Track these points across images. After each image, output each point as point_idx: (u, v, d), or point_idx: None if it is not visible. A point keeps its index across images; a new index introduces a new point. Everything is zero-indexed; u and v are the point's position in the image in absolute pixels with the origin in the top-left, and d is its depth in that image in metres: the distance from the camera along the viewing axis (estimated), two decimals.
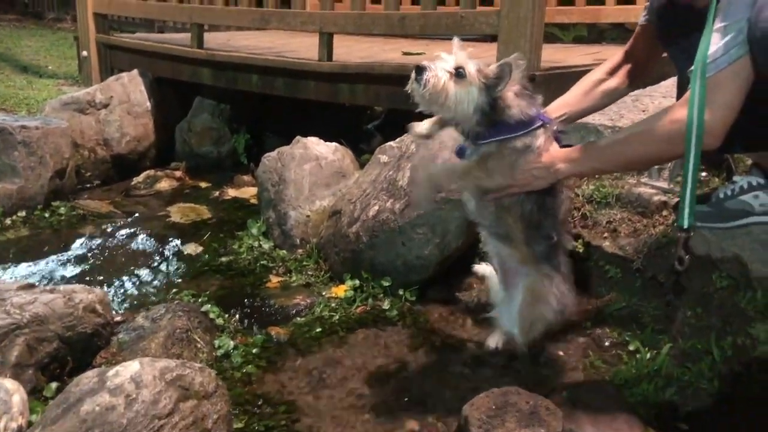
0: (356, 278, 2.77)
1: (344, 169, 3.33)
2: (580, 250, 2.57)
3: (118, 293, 2.86)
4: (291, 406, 2.08)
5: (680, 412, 1.96)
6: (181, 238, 3.47)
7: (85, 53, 5.64)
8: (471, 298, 2.63)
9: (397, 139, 3.02)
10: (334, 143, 3.42)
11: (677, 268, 1.84)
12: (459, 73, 1.86)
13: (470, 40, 4.46)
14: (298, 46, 4.68)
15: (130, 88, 4.85)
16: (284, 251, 3.14)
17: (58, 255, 3.24)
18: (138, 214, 3.88)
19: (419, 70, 1.85)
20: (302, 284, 2.88)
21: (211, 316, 2.53)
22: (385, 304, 2.64)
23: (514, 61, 1.86)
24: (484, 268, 2.41)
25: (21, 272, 3.04)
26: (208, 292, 2.80)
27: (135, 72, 4.97)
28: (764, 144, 2.03)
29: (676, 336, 2.13)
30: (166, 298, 2.75)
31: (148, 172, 4.54)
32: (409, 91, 1.89)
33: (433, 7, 3.50)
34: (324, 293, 2.77)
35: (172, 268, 3.14)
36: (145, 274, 3.06)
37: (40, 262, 3.16)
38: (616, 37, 5.50)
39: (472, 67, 1.88)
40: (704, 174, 2.54)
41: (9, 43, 8.43)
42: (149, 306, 2.62)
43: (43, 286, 2.40)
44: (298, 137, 3.40)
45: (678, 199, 2.34)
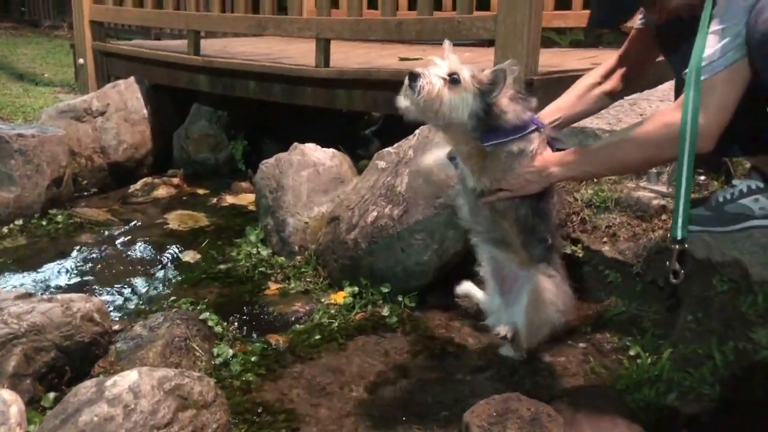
0: (355, 285, 2.76)
1: (342, 175, 3.32)
2: (580, 255, 2.57)
3: (115, 302, 2.85)
4: (291, 414, 2.07)
5: (682, 418, 1.94)
6: (179, 246, 3.46)
7: (81, 61, 5.63)
8: (470, 304, 2.61)
9: (395, 145, 3.01)
10: (331, 149, 3.42)
11: (672, 282, 1.83)
12: (453, 79, 1.85)
13: (467, 45, 4.48)
14: (295, 53, 4.67)
15: (127, 96, 4.84)
16: (283, 258, 3.13)
17: (55, 263, 3.22)
18: (135, 222, 3.87)
19: (413, 77, 1.83)
20: (301, 291, 2.87)
21: (210, 324, 2.52)
22: (385, 311, 2.63)
23: (509, 67, 1.85)
24: (464, 287, 2.41)
25: (18, 281, 3.03)
26: (207, 300, 2.79)
27: (131, 79, 4.96)
28: (763, 147, 2.03)
29: (677, 341, 2.13)
30: (164, 307, 2.73)
31: (145, 179, 4.53)
32: (402, 98, 1.88)
33: (429, 13, 3.50)
34: (323, 300, 2.76)
35: (170, 276, 3.12)
36: (142, 282, 3.05)
37: (37, 270, 3.14)
38: (613, 41, 5.51)
39: (467, 73, 1.87)
40: (703, 177, 2.54)
41: (5, 51, 8.42)
42: (147, 314, 2.61)
43: (41, 295, 2.39)
44: (296, 144, 3.40)
45: None
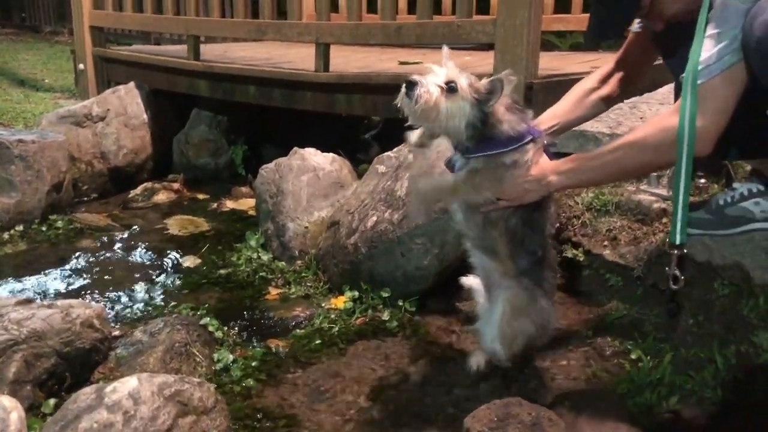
0: (355, 289, 2.76)
1: (342, 180, 3.32)
2: (581, 259, 2.57)
3: (116, 307, 2.84)
4: (291, 419, 2.06)
5: (683, 421, 1.93)
6: (180, 251, 3.46)
7: (81, 66, 5.64)
8: (471, 309, 2.61)
9: (395, 149, 3.01)
10: (331, 154, 3.42)
11: (672, 287, 1.82)
12: (450, 88, 1.84)
13: (467, 49, 4.48)
14: (295, 57, 4.68)
15: (127, 101, 4.84)
16: (283, 263, 3.13)
17: (55, 269, 3.22)
18: (136, 227, 3.86)
19: (410, 84, 1.82)
20: (301, 296, 2.87)
21: (210, 329, 2.51)
22: (385, 315, 2.62)
23: (506, 77, 1.85)
24: (471, 280, 2.40)
25: (19, 287, 3.02)
26: (207, 305, 2.79)
27: (131, 84, 4.97)
28: (761, 150, 2.02)
29: (678, 344, 2.12)
30: (165, 312, 2.73)
31: (145, 184, 4.54)
32: (398, 105, 1.88)
33: (429, 17, 3.50)
34: (323, 305, 2.76)
35: (171, 281, 3.12)
36: (143, 287, 3.04)
37: (37, 276, 3.14)
38: (614, 44, 5.49)
39: (464, 82, 1.87)
40: (703, 181, 2.54)
41: (6, 57, 8.45)
42: (147, 320, 2.61)
43: (41, 301, 2.39)
44: (296, 148, 3.40)
45: None
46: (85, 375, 2.21)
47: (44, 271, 3.19)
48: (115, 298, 2.94)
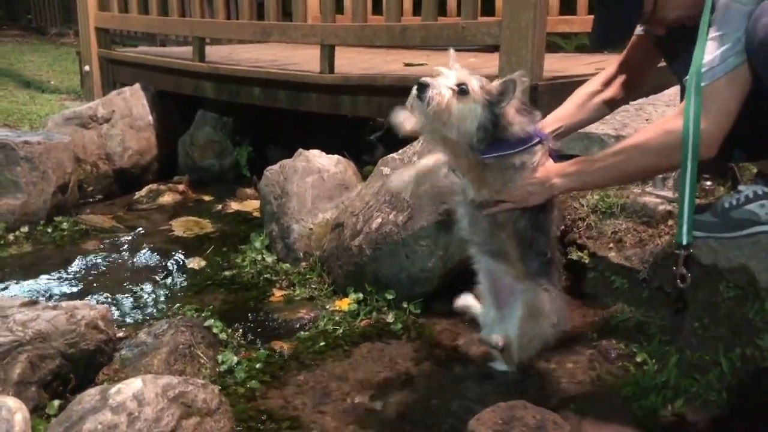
0: (360, 291, 2.76)
1: (347, 182, 3.32)
2: (586, 261, 2.56)
3: (120, 309, 2.85)
4: (295, 421, 2.06)
5: (688, 424, 1.93)
6: (184, 252, 3.46)
7: (87, 68, 5.66)
8: (471, 315, 2.61)
9: (400, 151, 3.01)
10: (336, 155, 3.42)
11: (680, 286, 1.82)
12: (462, 90, 1.83)
13: (472, 51, 4.47)
14: (300, 59, 4.68)
15: (132, 102, 4.85)
16: (287, 265, 3.13)
17: (60, 271, 3.23)
18: (141, 229, 3.87)
19: (421, 87, 1.81)
20: (306, 298, 2.87)
21: (215, 331, 2.51)
22: (389, 318, 2.62)
23: (518, 78, 1.84)
24: (464, 300, 2.40)
25: (24, 288, 3.03)
26: (212, 307, 2.79)
27: (137, 86, 4.98)
28: (765, 152, 2.02)
29: (684, 347, 2.12)
30: (169, 314, 2.73)
31: (150, 186, 4.54)
32: (408, 108, 1.87)
33: (434, 18, 3.50)
34: (328, 307, 2.76)
35: (175, 283, 3.12)
36: (147, 289, 3.05)
37: (42, 278, 3.15)
38: (619, 46, 5.48)
39: (475, 84, 1.86)
40: (709, 183, 2.53)
41: (12, 59, 8.47)
42: (152, 321, 2.61)
43: (46, 302, 2.39)
44: (300, 150, 3.40)
45: None
46: (90, 376, 2.22)
47: (49, 273, 3.20)
48: (120, 299, 2.94)
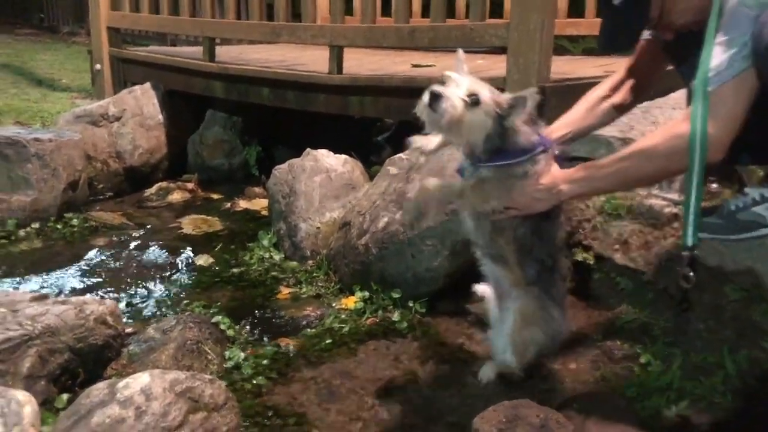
0: (366, 290, 2.77)
1: (354, 181, 3.34)
2: (591, 262, 2.56)
3: (129, 305, 2.87)
4: (301, 418, 2.08)
5: (692, 426, 1.93)
6: (193, 250, 3.49)
7: (98, 66, 5.69)
8: (481, 311, 2.62)
9: (407, 151, 3.02)
10: (343, 155, 3.43)
11: (683, 286, 1.82)
12: (474, 101, 1.84)
13: (480, 52, 4.48)
14: (309, 60, 4.69)
15: (143, 101, 4.89)
16: (295, 263, 3.15)
17: (70, 266, 3.26)
18: (150, 226, 3.90)
19: (434, 97, 1.80)
20: (312, 296, 2.89)
21: (222, 327, 2.54)
22: (395, 316, 2.63)
23: (530, 96, 1.85)
24: (484, 288, 2.41)
25: (34, 283, 3.06)
26: (219, 304, 2.81)
27: (147, 85, 5.01)
28: None
29: (688, 349, 2.12)
30: (177, 310, 2.76)
31: (160, 184, 4.57)
32: (419, 115, 1.87)
33: (442, 20, 3.51)
34: (334, 305, 2.78)
35: (183, 280, 3.15)
36: (156, 285, 3.07)
37: (52, 273, 3.18)
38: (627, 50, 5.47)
39: (487, 95, 1.86)
40: (715, 186, 2.53)
41: (24, 57, 8.53)
42: (160, 317, 2.64)
43: (55, 297, 2.42)
44: (309, 149, 3.42)
45: None
46: (98, 371, 2.24)
47: (59, 268, 3.23)
48: (129, 295, 2.97)
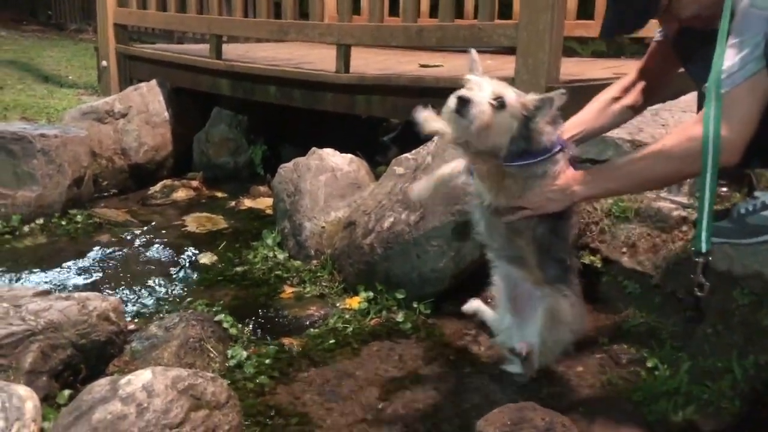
0: (370, 290, 2.76)
1: (359, 181, 3.32)
2: (598, 265, 2.54)
3: (132, 301, 2.86)
4: (303, 417, 2.06)
5: None
6: (197, 248, 3.48)
7: (105, 63, 5.69)
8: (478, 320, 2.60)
9: (413, 151, 3.01)
10: (349, 155, 3.42)
11: (697, 294, 1.79)
12: (499, 103, 1.81)
13: (488, 52, 4.46)
14: (316, 58, 4.69)
15: (149, 98, 4.88)
16: (299, 262, 3.13)
17: (74, 262, 3.25)
18: (154, 223, 3.89)
19: (463, 102, 1.78)
20: (316, 295, 2.87)
21: (225, 325, 2.52)
22: (399, 317, 2.61)
23: (558, 96, 1.83)
24: (473, 305, 2.39)
25: (37, 279, 3.05)
26: (222, 302, 2.80)
27: (153, 82, 5.01)
28: None
29: (696, 353, 2.09)
30: (180, 307, 2.74)
31: (165, 181, 4.57)
32: (445, 121, 1.85)
33: (450, 20, 3.49)
34: (338, 305, 2.76)
35: (187, 277, 3.14)
36: (159, 282, 3.06)
37: (56, 269, 3.17)
38: (636, 52, 5.46)
39: (512, 97, 1.84)
40: (725, 189, 2.51)
41: (31, 53, 8.54)
42: (163, 315, 2.63)
43: (59, 293, 2.41)
44: (314, 148, 3.41)
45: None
46: (100, 367, 2.23)
47: (63, 264, 3.22)
48: (132, 292, 2.96)
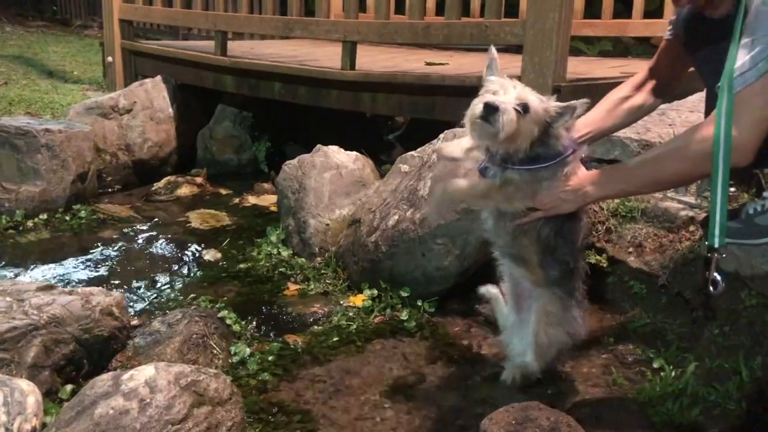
0: (374, 288, 2.75)
1: (364, 178, 3.31)
2: (604, 265, 2.53)
3: (135, 297, 2.85)
4: (306, 415, 2.05)
5: None
6: (200, 244, 3.47)
7: (110, 59, 5.68)
8: (491, 311, 2.58)
9: (419, 149, 2.99)
10: (354, 152, 3.41)
11: (710, 292, 1.77)
12: (523, 108, 1.81)
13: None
14: (322, 56, 4.68)
15: (153, 94, 4.87)
16: (303, 259, 3.12)
17: (77, 258, 3.24)
18: (158, 220, 3.88)
19: (490, 109, 1.77)
20: (320, 293, 2.86)
21: (228, 322, 2.51)
22: (404, 315, 2.60)
23: (581, 104, 1.83)
24: (490, 290, 2.37)
25: (40, 274, 3.05)
26: (226, 299, 2.79)
27: (158, 78, 4.99)
28: None
29: (703, 354, 2.08)
30: (183, 304, 2.74)
31: (168, 177, 4.55)
32: (469, 127, 1.85)
33: (457, 17, 3.47)
34: (342, 302, 2.75)
35: (190, 274, 3.13)
36: (162, 278, 3.05)
37: (59, 264, 3.16)
38: (642, 52, 5.45)
39: (536, 102, 1.83)
40: (733, 189, 2.49)
41: (36, 49, 8.54)
42: (166, 311, 2.62)
43: (62, 287, 2.40)
44: (319, 146, 3.39)
45: (705, 215, 2.29)
46: (103, 363, 2.22)
47: (66, 259, 3.21)
48: (135, 287, 2.95)
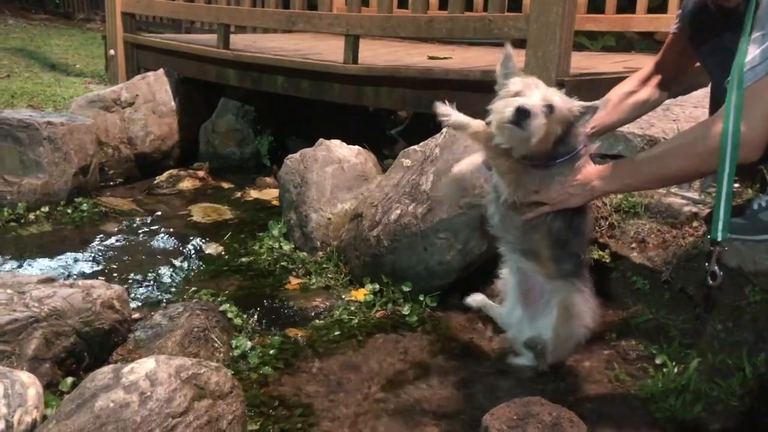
0: (376, 282, 2.74)
1: (367, 173, 3.30)
2: (607, 260, 2.52)
3: (136, 290, 2.85)
4: (307, 409, 2.05)
5: (708, 430, 1.89)
6: (202, 238, 3.46)
7: (112, 52, 5.67)
8: (484, 314, 2.58)
9: (421, 143, 2.98)
10: (356, 146, 3.40)
11: (710, 284, 1.77)
12: (549, 110, 1.81)
13: (497, 45, 4.43)
14: (324, 49, 4.66)
15: (156, 88, 4.86)
16: (304, 253, 3.12)
17: (79, 250, 3.24)
18: (160, 213, 3.88)
19: (522, 114, 1.77)
20: (322, 287, 2.85)
21: (229, 315, 2.51)
22: (405, 310, 2.60)
23: (602, 104, 1.85)
24: (476, 299, 2.38)
25: (42, 266, 3.04)
26: (227, 292, 2.79)
27: (161, 71, 4.98)
28: None
29: (705, 350, 2.07)
30: (185, 297, 2.73)
31: (171, 171, 4.55)
32: (497, 131, 1.84)
33: (460, 11, 3.46)
34: (343, 296, 2.75)
35: (192, 267, 3.12)
36: (164, 272, 3.05)
37: (61, 257, 3.16)
38: (645, 47, 5.43)
39: (559, 103, 1.84)
40: (737, 185, 2.47)
41: (39, 42, 8.53)
42: (167, 304, 2.61)
43: (63, 280, 2.40)
44: (321, 140, 3.38)
45: (709, 211, 2.29)
46: (104, 356, 2.22)
47: (67, 252, 3.21)
48: (136, 280, 2.95)
